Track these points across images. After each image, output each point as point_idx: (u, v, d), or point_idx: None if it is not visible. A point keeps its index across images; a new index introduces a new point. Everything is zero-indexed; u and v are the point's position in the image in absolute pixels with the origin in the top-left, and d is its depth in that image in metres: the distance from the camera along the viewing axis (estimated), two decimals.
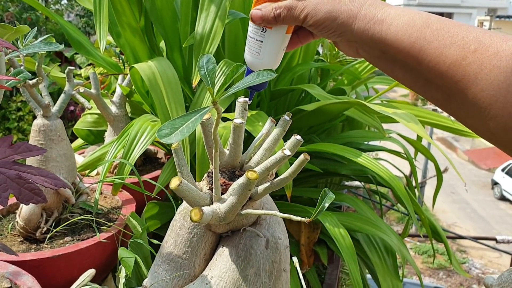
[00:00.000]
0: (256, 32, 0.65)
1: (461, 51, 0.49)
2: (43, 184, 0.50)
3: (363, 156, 1.19)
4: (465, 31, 0.50)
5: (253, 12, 0.64)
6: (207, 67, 0.45)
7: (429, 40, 0.52)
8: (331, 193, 0.54)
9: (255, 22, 0.64)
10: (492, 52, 0.47)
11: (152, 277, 0.66)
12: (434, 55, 0.51)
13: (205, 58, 0.46)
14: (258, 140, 0.63)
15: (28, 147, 0.51)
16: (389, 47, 0.55)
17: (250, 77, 0.46)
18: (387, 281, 1.35)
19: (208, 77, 0.45)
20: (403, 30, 0.54)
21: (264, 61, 0.66)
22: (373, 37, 0.56)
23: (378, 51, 0.57)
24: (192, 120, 0.42)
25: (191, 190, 0.56)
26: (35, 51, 0.67)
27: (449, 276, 8.11)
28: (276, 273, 0.62)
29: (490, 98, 0.46)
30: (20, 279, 0.82)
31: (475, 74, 0.47)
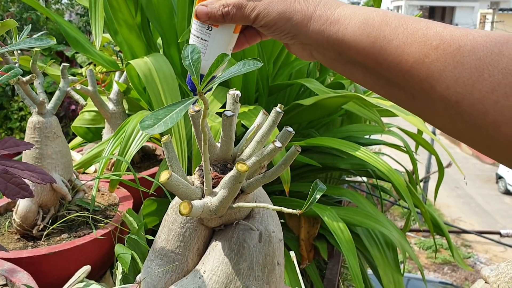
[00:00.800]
0: (201, 31, 0.60)
1: (423, 48, 0.47)
2: (30, 179, 0.50)
3: (362, 150, 1.18)
4: (425, 27, 0.48)
5: (198, 8, 0.59)
6: (192, 57, 0.45)
7: (389, 38, 0.49)
8: (322, 184, 0.54)
9: (201, 19, 0.59)
10: (454, 48, 0.45)
11: (145, 272, 0.65)
12: (396, 54, 0.48)
13: (189, 48, 0.45)
14: (250, 133, 0.62)
15: (15, 142, 0.50)
16: (346, 49, 0.52)
17: (237, 66, 0.45)
18: (388, 275, 1.34)
19: (192, 67, 0.44)
20: (361, 30, 0.51)
21: (210, 61, 0.60)
22: (329, 39, 0.53)
23: (335, 53, 0.54)
24: (176, 111, 0.41)
25: (181, 184, 0.56)
26: (26, 46, 0.66)
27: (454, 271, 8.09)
28: (270, 266, 0.61)
29: (457, 96, 0.45)
30: (15, 276, 0.82)
31: (439, 72, 0.46)
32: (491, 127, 0.43)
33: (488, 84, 0.43)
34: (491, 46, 0.44)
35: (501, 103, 0.42)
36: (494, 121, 0.43)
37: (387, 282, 1.32)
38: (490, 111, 0.43)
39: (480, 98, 0.43)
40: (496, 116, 0.43)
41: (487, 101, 0.43)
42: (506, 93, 0.42)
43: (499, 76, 0.42)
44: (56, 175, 1.01)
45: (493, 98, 0.43)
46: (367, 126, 1.58)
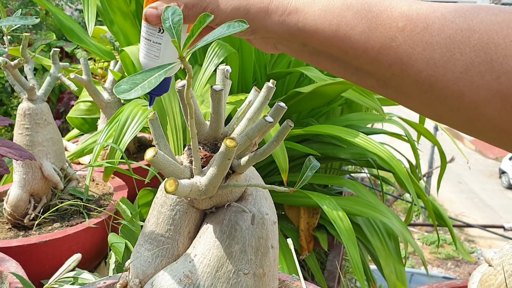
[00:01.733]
0: (152, 34, 0.57)
1: (388, 31, 0.44)
2: (7, 155, 0.48)
3: (361, 137, 1.15)
4: (389, 7, 0.45)
5: (147, 11, 0.55)
6: (173, 19, 0.42)
7: (352, 24, 0.46)
8: (316, 161, 0.51)
9: (151, 23, 0.55)
10: (421, 27, 0.42)
11: (134, 257, 0.63)
12: (361, 41, 0.45)
13: (170, 10, 0.43)
14: (241, 111, 0.60)
15: None
16: (309, 39, 0.49)
17: (220, 29, 0.43)
18: (390, 265, 1.32)
19: (173, 29, 0.41)
20: (322, 18, 0.47)
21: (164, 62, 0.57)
22: (290, 30, 0.50)
23: (298, 44, 0.51)
24: (155, 75, 0.38)
25: (168, 162, 0.53)
26: (10, 24, 0.64)
27: (457, 266, 8.06)
28: (263, 249, 0.59)
29: (429, 79, 0.42)
30: (3, 265, 0.80)
31: (408, 55, 0.43)
32: (470, 108, 0.41)
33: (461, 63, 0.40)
34: (461, 22, 0.41)
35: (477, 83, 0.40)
36: (471, 102, 0.40)
37: (389, 273, 1.30)
38: (466, 92, 0.40)
39: (454, 80, 0.41)
40: (473, 97, 0.40)
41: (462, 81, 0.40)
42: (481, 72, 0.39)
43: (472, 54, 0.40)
44: (47, 162, 0.98)
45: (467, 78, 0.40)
46: (367, 115, 1.55)
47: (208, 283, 0.56)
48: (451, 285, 0.72)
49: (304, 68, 1.40)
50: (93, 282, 0.74)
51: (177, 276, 0.57)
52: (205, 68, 1.18)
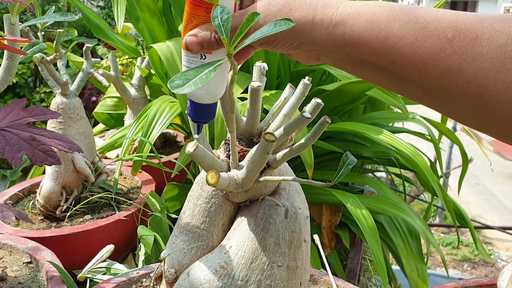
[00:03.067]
0: (195, 61, 0.55)
1: (437, 42, 0.44)
2: (57, 147, 0.50)
3: (385, 133, 1.16)
4: (436, 18, 0.45)
5: (187, 40, 0.53)
6: (221, 17, 0.43)
7: (400, 36, 0.46)
8: (352, 157, 0.52)
9: (192, 51, 0.53)
10: (470, 38, 0.43)
11: (170, 248, 0.65)
12: (409, 52, 0.45)
13: (219, 9, 0.44)
14: (277, 107, 0.61)
15: (42, 110, 0.50)
16: (355, 50, 0.49)
17: (267, 27, 0.44)
18: (411, 264, 1.32)
19: (222, 27, 0.43)
20: (369, 29, 0.47)
21: (210, 90, 0.55)
22: (336, 42, 0.49)
23: (343, 55, 0.51)
24: (205, 72, 0.40)
25: (208, 155, 0.55)
26: (51, 20, 0.66)
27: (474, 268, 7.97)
28: (296, 243, 0.60)
29: (479, 88, 0.42)
30: (39, 254, 0.82)
31: (457, 65, 0.43)
32: None
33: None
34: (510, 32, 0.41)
35: None
36: None
37: (410, 271, 1.30)
38: None
39: (504, 89, 0.41)
40: None
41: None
42: None
43: None
44: (79, 156, 1.01)
45: None
46: (390, 113, 1.55)
47: (243, 274, 0.58)
48: (478, 283, 0.73)
49: (327, 66, 1.40)
50: (127, 272, 0.76)
51: (213, 267, 0.59)
52: None
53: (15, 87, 3.97)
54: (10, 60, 0.62)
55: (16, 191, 1.09)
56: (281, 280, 0.59)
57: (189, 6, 0.51)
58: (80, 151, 0.53)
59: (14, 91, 3.97)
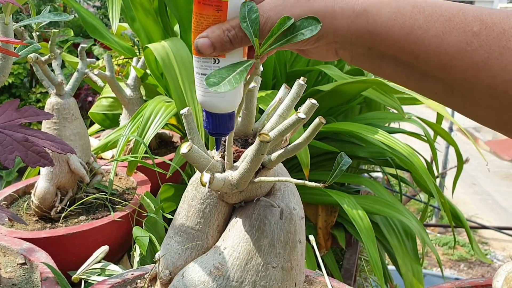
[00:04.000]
0: (207, 66, 0.50)
1: (463, 36, 0.43)
2: (50, 148, 0.49)
3: (381, 133, 1.16)
4: (461, 12, 0.44)
5: (198, 42, 0.49)
6: (250, 17, 0.42)
7: (425, 28, 0.45)
8: (347, 157, 0.52)
9: (205, 53, 0.49)
10: (497, 32, 0.42)
11: (165, 249, 0.65)
12: (434, 45, 0.44)
13: (247, 7, 0.43)
14: (272, 107, 0.61)
15: (35, 111, 0.50)
16: (377, 42, 0.47)
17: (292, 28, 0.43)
18: (407, 264, 1.32)
19: (250, 28, 0.42)
20: (393, 20, 0.46)
21: (226, 97, 0.51)
22: (358, 33, 0.48)
23: (363, 48, 0.49)
24: (238, 71, 0.40)
25: (202, 156, 0.55)
26: (45, 20, 0.66)
27: (470, 268, 8.00)
28: (291, 244, 0.60)
29: (504, 84, 0.41)
30: (34, 255, 0.82)
31: (484, 60, 0.42)
32: None
33: None
34: None
35: None
36: None
37: (406, 271, 1.30)
38: None
39: None
40: None
41: None
42: None
43: None
44: (74, 156, 1.00)
45: None
46: (386, 114, 1.55)
47: (237, 275, 0.58)
48: (474, 283, 0.73)
49: (323, 66, 1.40)
50: (121, 273, 0.76)
51: (207, 268, 0.59)
52: None
53: (11, 87, 3.96)
54: (4, 60, 0.61)
55: (11, 192, 1.08)
56: (276, 281, 0.59)
57: (197, 7, 0.48)
58: (73, 152, 0.52)
59: (10, 91, 3.95)
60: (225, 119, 0.52)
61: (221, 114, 0.52)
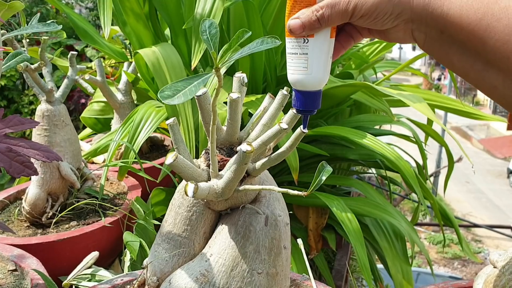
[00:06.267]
0: (298, 46, 0.58)
1: None
2: (35, 157, 0.50)
3: (369, 138, 1.17)
4: None
5: (291, 23, 0.56)
6: (210, 31, 0.44)
7: (498, 17, 0.47)
8: (328, 166, 0.53)
9: (296, 33, 0.56)
10: None
11: (152, 256, 0.66)
12: (503, 33, 0.46)
13: (207, 23, 0.45)
14: (256, 116, 0.62)
15: (20, 120, 0.51)
16: (450, 25, 0.50)
17: (255, 43, 0.45)
18: (396, 265, 1.34)
19: (210, 41, 0.44)
20: (468, 5, 0.48)
21: (314, 74, 0.58)
22: (433, 13, 0.51)
23: (437, 31, 0.52)
24: (194, 84, 0.41)
25: (188, 166, 0.56)
26: (34, 31, 0.67)
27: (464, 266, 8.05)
28: (276, 250, 0.61)
29: None
30: (24, 261, 0.83)
31: None
32: None
33: None
34: None
35: None
36: None
37: (395, 272, 1.32)
38: None
39: None
40: None
41: None
42: None
43: None
44: (65, 163, 1.01)
45: None
46: (376, 116, 1.57)
47: (223, 282, 0.59)
48: (457, 285, 0.74)
49: None
50: (111, 279, 0.77)
51: (194, 275, 0.60)
52: None
53: (4, 90, 3.95)
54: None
55: (2, 198, 1.09)
56: (261, 287, 0.60)
57: None
58: (59, 160, 0.53)
59: (2, 93, 3.95)
60: (312, 97, 0.59)
61: (308, 91, 0.59)
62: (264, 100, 0.63)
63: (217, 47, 0.44)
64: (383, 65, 1.79)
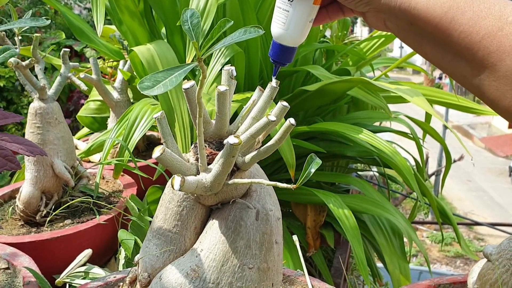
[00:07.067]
0: (283, 2, 0.63)
1: (497, 22, 0.47)
2: (18, 151, 0.50)
3: (365, 133, 1.16)
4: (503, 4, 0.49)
5: None
6: (191, 21, 0.44)
7: (463, 10, 0.49)
8: (318, 158, 0.53)
9: None
10: None
11: (143, 252, 0.65)
12: (467, 25, 0.49)
13: (188, 12, 0.45)
14: (246, 110, 0.62)
15: (3, 114, 0.50)
16: (417, 18, 0.52)
17: (237, 33, 0.45)
18: (394, 262, 1.33)
19: (192, 31, 0.43)
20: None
21: (289, 31, 0.63)
22: (401, 7, 0.53)
23: (406, 23, 0.54)
24: (175, 74, 0.41)
25: (175, 159, 0.55)
26: (22, 25, 0.66)
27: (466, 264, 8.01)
28: (267, 244, 0.60)
29: None
30: (17, 260, 0.82)
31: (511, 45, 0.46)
32: None
33: None
34: None
35: None
36: None
37: (393, 269, 1.31)
38: None
39: None
40: None
41: None
42: None
43: None
44: (59, 161, 1.01)
45: None
46: (373, 113, 1.56)
47: (214, 277, 0.58)
48: (452, 280, 0.74)
49: (310, 67, 1.41)
50: (104, 277, 0.76)
51: (184, 270, 0.59)
52: (211, 68, 1.20)
53: (3, 91, 3.94)
54: None
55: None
56: (253, 282, 0.59)
57: None
58: (43, 154, 0.53)
59: (1, 95, 3.94)
60: (285, 51, 0.65)
61: (284, 46, 0.64)
62: (254, 94, 0.63)
63: (199, 37, 0.43)
64: (381, 61, 1.78)
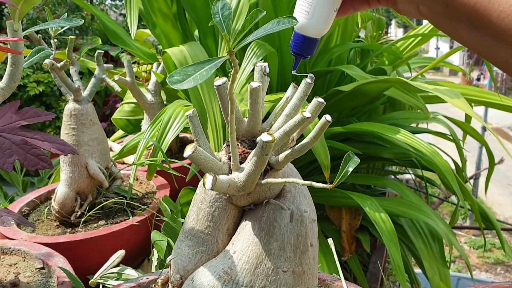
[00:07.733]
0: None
1: None
2: (50, 150, 0.49)
3: (403, 133, 1.13)
4: None
5: None
6: (222, 13, 0.42)
7: None
8: (356, 157, 0.50)
9: None
10: None
11: (175, 253, 0.64)
12: (508, 4, 0.45)
13: (219, 4, 0.43)
14: (279, 107, 0.60)
15: (36, 112, 0.50)
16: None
17: (270, 24, 0.43)
18: (433, 268, 1.28)
19: (223, 23, 0.42)
20: None
21: (313, 21, 0.61)
22: None
23: (442, 6, 0.51)
24: (206, 68, 0.40)
25: (207, 158, 0.54)
26: (56, 25, 0.66)
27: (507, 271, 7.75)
28: (302, 247, 0.58)
29: None
30: (51, 260, 0.83)
31: None
32: None
33: None
34: None
35: None
36: None
37: (432, 275, 1.26)
38: None
39: None
40: None
41: None
42: None
43: None
44: (93, 162, 1.01)
45: None
46: (410, 113, 1.52)
47: (247, 280, 0.56)
48: (498, 287, 0.70)
49: (345, 67, 1.38)
50: (136, 278, 0.75)
51: (217, 272, 0.58)
52: (244, 68, 1.19)
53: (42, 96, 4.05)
54: (14, 66, 0.62)
55: (33, 198, 1.10)
56: (287, 286, 0.57)
57: None
58: (74, 153, 0.52)
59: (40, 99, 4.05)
60: (308, 43, 0.62)
61: (306, 37, 0.62)
62: (288, 90, 0.61)
63: (230, 30, 0.42)
64: (417, 61, 1.73)
